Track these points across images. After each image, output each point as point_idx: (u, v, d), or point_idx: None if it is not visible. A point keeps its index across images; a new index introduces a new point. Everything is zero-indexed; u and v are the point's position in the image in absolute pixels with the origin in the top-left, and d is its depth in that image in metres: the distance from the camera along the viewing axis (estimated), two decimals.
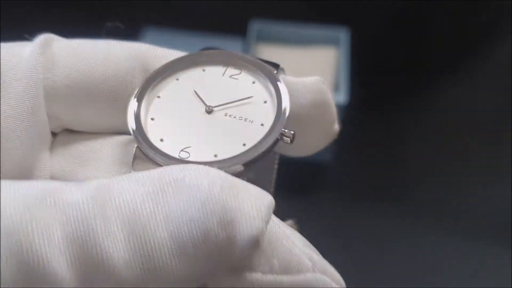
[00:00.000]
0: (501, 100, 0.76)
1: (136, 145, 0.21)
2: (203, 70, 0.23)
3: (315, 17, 0.79)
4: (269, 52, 0.75)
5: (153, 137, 0.21)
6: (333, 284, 0.18)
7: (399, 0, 0.82)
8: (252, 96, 0.22)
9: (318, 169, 0.73)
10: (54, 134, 0.23)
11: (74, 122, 0.22)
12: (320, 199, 0.70)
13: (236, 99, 0.22)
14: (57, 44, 0.22)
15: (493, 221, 0.67)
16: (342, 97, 0.66)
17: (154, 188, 0.16)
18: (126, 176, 0.16)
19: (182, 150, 0.21)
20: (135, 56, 0.22)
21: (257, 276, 0.17)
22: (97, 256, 0.15)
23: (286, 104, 0.21)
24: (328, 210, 0.68)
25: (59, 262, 0.14)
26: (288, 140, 0.21)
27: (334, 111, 0.23)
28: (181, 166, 0.17)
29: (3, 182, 0.15)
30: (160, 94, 0.22)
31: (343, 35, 0.76)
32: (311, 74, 0.75)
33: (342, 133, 0.72)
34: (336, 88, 0.72)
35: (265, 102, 0.22)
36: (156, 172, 0.17)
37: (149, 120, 0.22)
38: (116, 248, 0.15)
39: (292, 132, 0.21)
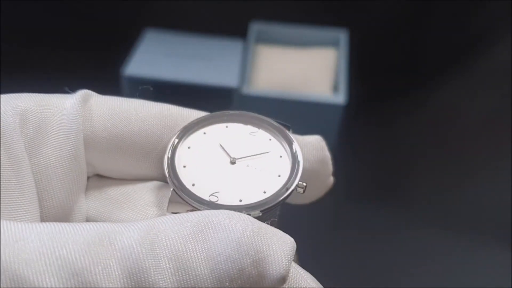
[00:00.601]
0: (500, 100, 0.76)
1: (172, 189, 0.24)
2: (226, 127, 0.27)
3: (315, 18, 0.80)
4: (269, 53, 0.76)
5: (186, 182, 0.24)
6: None
7: (398, 2, 0.82)
8: (269, 152, 0.26)
9: None
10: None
11: (107, 170, 0.26)
12: (319, 200, 0.70)
13: (256, 153, 0.25)
14: (95, 99, 0.25)
15: (493, 221, 0.67)
16: (342, 97, 0.66)
17: (194, 229, 0.18)
18: (167, 218, 0.19)
19: (211, 195, 0.24)
20: (165, 115, 0.25)
21: None
22: (150, 287, 0.17)
23: (300, 158, 0.25)
24: (327, 210, 0.68)
25: None
26: (301, 190, 0.24)
27: (331, 165, 0.27)
28: (216, 210, 0.20)
29: (63, 224, 0.18)
30: (190, 145, 0.25)
31: (342, 36, 0.77)
32: (311, 75, 0.75)
33: (341, 133, 0.73)
34: (335, 89, 0.72)
35: (280, 156, 0.26)
36: (194, 215, 0.19)
37: (181, 167, 0.25)
38: (165, 282, 0.17)
39: (305, 184, 0.24)
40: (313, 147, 0.26)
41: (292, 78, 0.72)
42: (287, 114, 0.62)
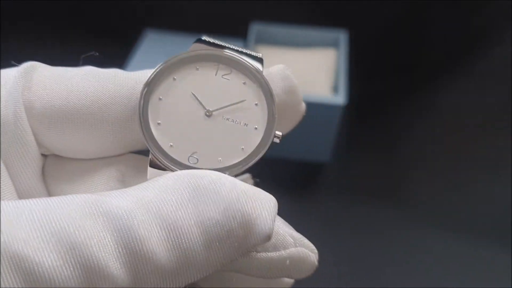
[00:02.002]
0: (500, 101, 0.76)
1: (150, 153, 0.23)
2: (197, 69, 0.25)
3: (315, 19, 0.80)
4: (269, 54, 0.76)
5: (163, 143, 0.23)
6: (311, 254, 0.23)
7: (398, 2, 0.82)
8: (245, 100, 0.24)
9: (317, 169, 0.73)
10: (44, 157, 0.25)
11: (61, 148, 0.24)
12: (319, 199, 0.70)
13: (231, 103, 0.24)
14: (40, 70, 0.24)
15: (493, 221, 0.66)
16: (341, 98, 0.66)
17: (183, 196, 0.19)
18: (154, 185, 0.20)
19: (190, 156, 0.23)
20: (112, 81, 0.24)
21: (254, 255, 0.22)
22: (144, 255, 0.18)
23: (275, 105, 0.24)
24: (327, 210, 0.68)
25: (116, 266, 0.18)
26: (278, 140, 0.24)
27: (300, 92, 0.27)
28: (201, 172, 0.21)
29: (52, 198, 0.18)
30: (161, 95, 0.24)
31: (342, 36, 0.77)
32: (311, 75, 0.75)
33: (341, 133, 0.73)
34: (335, 89, 0.72)
35: (256, 104, 0.24)
36: (179, 179, 0.20)
37: (156, 125, 0.23)
38: (159, 249, 0.18)
39: (281, 133, 0.24)
40: (278, 77, 0.25)
41: None
42: None
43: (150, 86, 0.23)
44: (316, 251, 0.24)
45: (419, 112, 0.77)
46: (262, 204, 0.20)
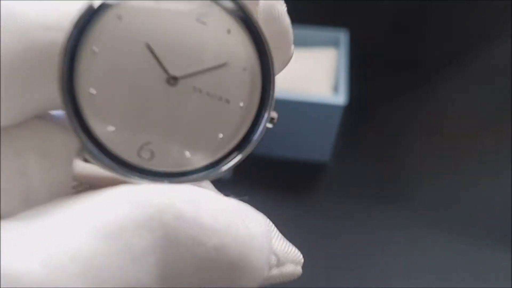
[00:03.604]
0: (500, 101, 0.76)
1: (79, 142, 0.15)
2: (157, 2, 0.16)
3: (315, 19, 0.79)
4: None
5: (99, 125, 0.15)
6: (296, 268, 0.19)
7: (398, 2, 0.82)
8: (227, 62, 0.16)
9: (317, 169, 0.73)
10: None
11: None
12: (319, 200, 0.69)
13: (207, 66, 0.16)
14: None
15: (493, 221, 0.66)
16: (342, 98, 0.66)
17: (137, 250, 0.13)
18: (82, 219, 0.13)
19: (142, 148, 0.16)
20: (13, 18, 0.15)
21: None
22: None
23: (273, 70, 0.17)
24: (327, 211, 0.68)
25: None
26: (272, 125, 0.17)
27: (291, 33, 0.20)
28: (166, 200, 0.14)
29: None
30: (97, 47, 0.15)
31: (342, 36, 0.76)
32: (311, 75, 0.75)
33: (341, 133, 0.73)
34: (335, 89, 0.72)
35: (244, 69, 0.17)
36: (130, 217, 0.13)
37: (88, 96, 0.15)
38: None
39: (276, 114, 0.17)
40: (267, 15, 0.18)
41: (292, 78, 0.72)
42: (287, 115, 0.61)
43: (79, 27, 0.15)
44: (302, 259, 0.20)
45: (420, 112, 0.77)
46: (256, 252, 0.15)
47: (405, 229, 0.66)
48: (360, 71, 0.74)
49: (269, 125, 0.17)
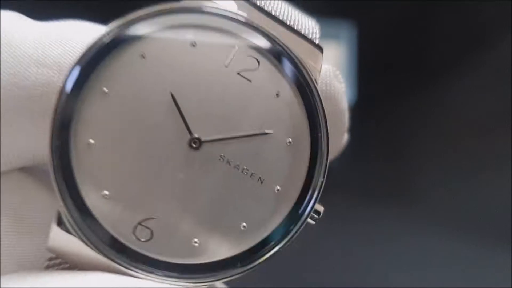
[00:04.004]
0: (502, 101, 0.76)
1: (62, 205, 0.12)
2: (193, 45, 0.12)
3: (313, 8, 0.78)
4: None
5: (90, 186, 0.12)
6: None
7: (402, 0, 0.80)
8: (271, 132, 0.13)
9: None
10: None
11: None
12: (323, 199, 0.69)
13: (243, 133, 0.13)
14: None
15: (494, 221, 0.67)
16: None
17: None
18: None
19: (140, 224, 0.12)
20: (41, 36, 0.13)
21: None
22: None
23: (326, 154, 0.13)
24: (331, 210, 0.67)
25: None
26: (313, 222, 0.14)
27: (347, 117, 0.17)
28: None
29: None
30: (109, 88, 0.12)
31: (345, 28, 0.75)
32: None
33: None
34: None
35: (289, 142, 0.13)
36: None
37: (84, 145, 0.12)
38: None
39: (322, 208, 0.14)
40: (324, 92, 0.15)
41: None
42: None
43: (88, 64, 0.12)
44: None
45: (423, 111, 0.77)
46: None
47: (406, 229, 0.67)
48: (361, 69, 0.73)
49: (311, 221, 0.14)
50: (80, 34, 0.14)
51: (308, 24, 0.16)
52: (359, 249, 0.65)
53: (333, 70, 0.17)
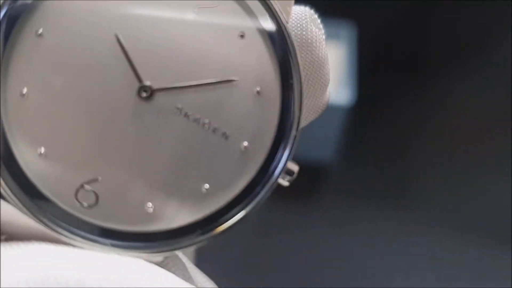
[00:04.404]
0: (503, 101, 0.76)
1: None
2: None
3: (313, 8, 0.77)
4: None
5: (23, 143, 0.10)
6: None
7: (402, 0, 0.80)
8: (236, 80, 0.11)
9: (321, 171, 0.72)
10: None
11: None
12: (323, 201, 0.69)
13: (203, 80, 0.11)
14: None
15: (494, 221, 0.67)
16: (344, 98, 0.65)
17: None
18: None
19: (82, 186, 0.11)
20: None
21: None
22: None
23: (300, 105, 0.12)
24: (331, 212, 0.67)
25: None
26: (287, 182, 0.13)
27: (328, 69, 0.15)
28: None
29: None
30: (45, 28, 0.10)
31: (345, 31, 0.74)
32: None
33: (345, 136, 0.72)
34: (339, 88, 0.70)
35: (257, 92, 0.12)
36: None
37: (16, 95, 0.10)
38: None
39: (297, 167, 0.13)
40: (299, 37, 0.13)
41: None
42: None
43: (20, 4, 0.10)
44: None
45: (424, 114, 0.76)
46: None
47: (406, 229, 0.66)
48: (362, 68, 0.73)
49: (284, 182, 0.12)
50: None
51: None
52: (359, 249, 0.64)
53: (309, 12, 0.15)
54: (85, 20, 0.11)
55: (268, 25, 0.12)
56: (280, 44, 0.12)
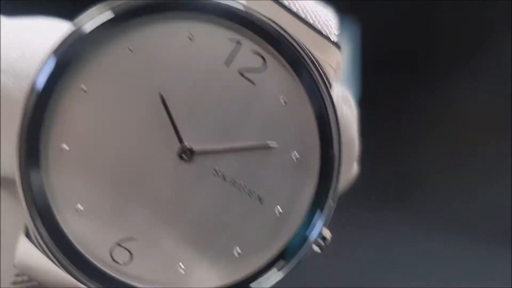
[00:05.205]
0: (503, 101, 0.76)
1: (28, 220, 0.09)
2: (189, 39, 0.10)
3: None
4: None
5: (62, 199, 0.09)
6: None
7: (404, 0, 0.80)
8: (275, 146, 0.10)
9: None
10: None
11: None
12: None
13: (243, 145, 0.10)
14: None
15: (494, 222, 0.67)
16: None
17: None
18: None
19: (118, 244, 0.10)
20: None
21: None
22: None
23: (337, 174, 0.10)
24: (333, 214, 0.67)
25: None
26: (318, 248, 0.11)
27: (358, 145, 0.15)
28: None
29: None
30: (87, 84, 0.10)
31: (347, 30, 0.74)
32: None
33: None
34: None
35: (296, 159, 0.11)
36: None
37: (57, 151, 0.10)
38: None
39: (329, 234, 0.11)
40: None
41: None
42: None
43: (67, 58, 0.09)
44: None
45: (424, 113, 0.76)
46: None
47: (406, 230, 0.66)
48: (362, 67, 0.73)
49: (316, 249, 0.11)
50: (43, 36, 0.12)
51: (325, 16, 0.13)
52: (359, 251, 0.65)
53: (343, 93, 0.14)
54: (129, 79, 0.10)
55: (312, 92, 0.11)
56: (323, 112, 0.11)
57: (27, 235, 0.11)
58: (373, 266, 0.63)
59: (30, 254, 0.10)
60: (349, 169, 0.16)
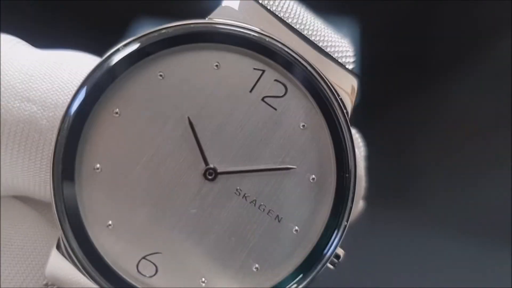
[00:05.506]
0: (503, 101, 0.76)
1: (61, 234, 0.10)
2: (216, 67, 0.11)
3: (320, 12, 0.77)
4: None
5: (93, 215, 0.10)
6: None
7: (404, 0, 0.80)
8: (294, 168, 0.11)
9: None
10: None
11: None
12: None
13: (264, 166, 0.11)
14: None
15: (494, 222, 0.68)
16: None
17: None
18: None
19: (144, 258, 0.11)
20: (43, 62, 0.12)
21: None
22: None
23: (352, 197, 0.11)
24: None
25: None
26: (331, 266, 0.12)
27: (364, 182, 0.15)
28: None
29: None
30: (120, 108, 0.10)
31: (347, 30, 0.73)
32: None
33: None
34: None
35: (313, 179, 0.11)
36: None
37: (90, 170, 0.10)
38: None
39: (343, 252, 0.12)
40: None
41: None
42: None
43: (101, 84, 0.10)
44: None
45: (425, 114, 0.77)
46: None
47: (406, 230, 0.67)
48: (362, 67, 0.72)
49: (330, 266, 0.11)
50: (70, 69, 0.12)
51: (342, 46, 0.14)
52: (359, 249, 0.65)
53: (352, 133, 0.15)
54: (159, 103, 0.11)
55: (330, 117, 0.12)
56: (339, 136, 0.12)
57: (58, 248, 0.11)
58: (372, 264, 0.64)
59: (61, 266, 0.11)
60: (356, 205, 0.17)
